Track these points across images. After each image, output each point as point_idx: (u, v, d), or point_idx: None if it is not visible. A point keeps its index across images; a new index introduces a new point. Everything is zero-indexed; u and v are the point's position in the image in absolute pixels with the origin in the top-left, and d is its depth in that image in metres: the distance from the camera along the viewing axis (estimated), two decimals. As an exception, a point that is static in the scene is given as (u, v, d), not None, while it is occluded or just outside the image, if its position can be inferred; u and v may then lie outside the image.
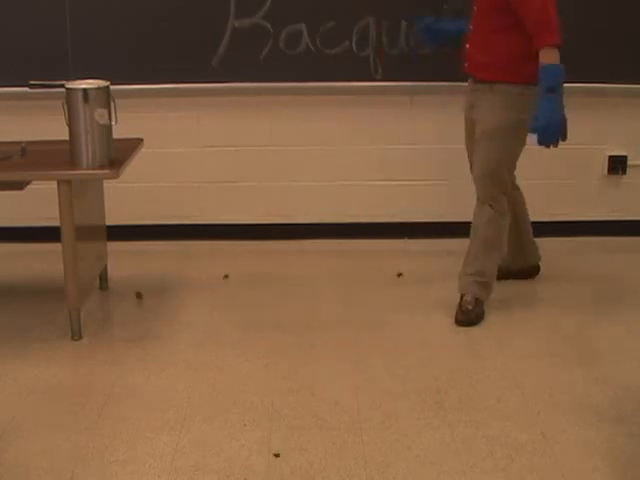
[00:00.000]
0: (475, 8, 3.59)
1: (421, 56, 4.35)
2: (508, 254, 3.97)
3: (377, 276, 3.97)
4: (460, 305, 3.72)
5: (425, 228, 4.61)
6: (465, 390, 3.17)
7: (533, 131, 3.40)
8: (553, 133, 3.38)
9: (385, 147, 4.59)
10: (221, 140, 4.61)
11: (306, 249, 4.61)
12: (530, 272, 4.14)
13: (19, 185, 3.55)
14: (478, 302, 3.72)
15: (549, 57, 3.36)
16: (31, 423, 2.96)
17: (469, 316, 3.68)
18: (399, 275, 4.21)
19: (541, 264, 4.18)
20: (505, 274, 4.01)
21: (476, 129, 3.69)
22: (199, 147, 4.61)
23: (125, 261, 4.31)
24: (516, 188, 3.89)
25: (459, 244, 4.40)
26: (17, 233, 4.62)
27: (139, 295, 3.97)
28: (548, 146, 3.41)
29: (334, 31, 4.36)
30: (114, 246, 4.14)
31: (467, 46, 3.65)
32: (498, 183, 3.66)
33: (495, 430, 2.89)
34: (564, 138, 3.42)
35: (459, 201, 4.59)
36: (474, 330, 3.65)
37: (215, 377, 3.27)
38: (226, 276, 4.20)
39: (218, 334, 3.63)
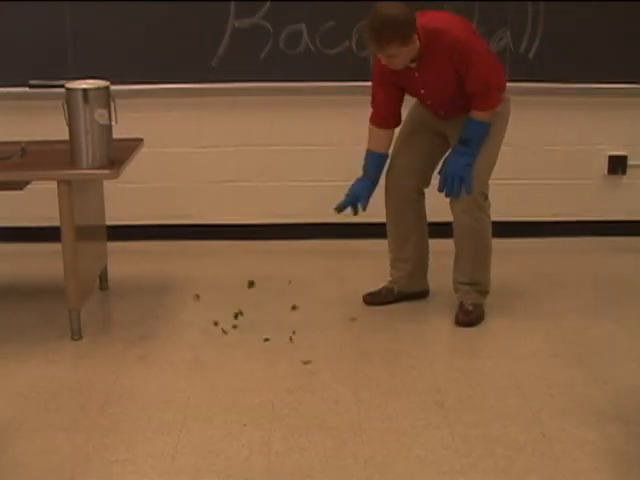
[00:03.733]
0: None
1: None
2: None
3: (377, 276, 3.96)
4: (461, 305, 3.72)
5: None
6: (465, 390, 3.17)
7: None
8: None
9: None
10: (221, 140, 4.60)
11: (306, 249, 4.60)
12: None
13: (19, 185, 3.56)
14: (478, 304, 3.72)
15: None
16: (31, 423, 2.96)
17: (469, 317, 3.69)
18: None
19: (542, 264, 4.17)
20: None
21: None
22: (199, 147, 4.61)
23: (125, 261, 4.31)
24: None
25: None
26: (17, 233, 4.62)
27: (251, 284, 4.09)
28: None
29: (334, 31, 4.36)
30: (114, 246, 4.14)
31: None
32: None
33: (495, 430, 2.89)
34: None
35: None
36: (474, 330, 3.64)
37: (215, 377, 3.27)
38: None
39: (218, 334, 3.63)
